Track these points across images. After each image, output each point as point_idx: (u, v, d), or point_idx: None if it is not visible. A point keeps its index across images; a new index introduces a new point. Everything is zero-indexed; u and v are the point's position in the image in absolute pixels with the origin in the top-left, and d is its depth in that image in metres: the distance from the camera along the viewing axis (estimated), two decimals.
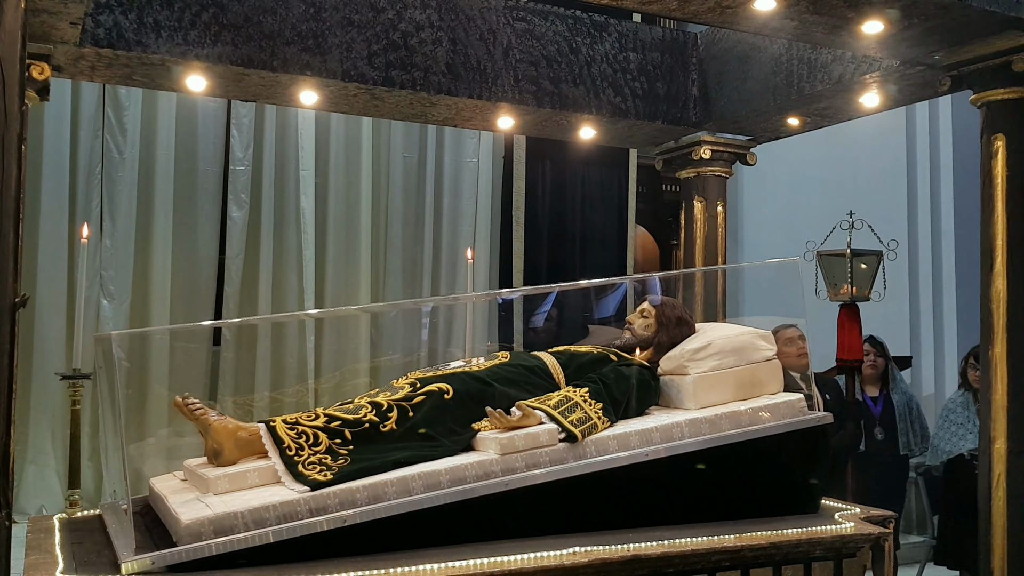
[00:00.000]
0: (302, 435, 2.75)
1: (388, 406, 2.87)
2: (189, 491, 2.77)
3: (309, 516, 2.54)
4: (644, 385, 3.22)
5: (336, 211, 5.80)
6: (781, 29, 3.26)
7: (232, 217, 5.56)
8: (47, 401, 5.13)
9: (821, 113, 4.26)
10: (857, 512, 3.24)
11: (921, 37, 3.30)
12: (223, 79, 3.66)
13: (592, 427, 2.95)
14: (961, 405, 4.81)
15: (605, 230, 6.41)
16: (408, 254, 6.00)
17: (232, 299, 5.54)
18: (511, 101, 3.95)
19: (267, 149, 5.65)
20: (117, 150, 5.34)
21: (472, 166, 6.13)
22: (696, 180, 4.73)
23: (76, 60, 3.47)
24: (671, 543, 2.76)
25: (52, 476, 5.18)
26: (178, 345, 5.34)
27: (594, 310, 4.19)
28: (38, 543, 2.72)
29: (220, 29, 3.48)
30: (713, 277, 4.60)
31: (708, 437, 3.09)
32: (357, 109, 4.06)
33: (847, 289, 4.80)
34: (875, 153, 7.19)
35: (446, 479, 2.71)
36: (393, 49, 3.73)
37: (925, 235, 7.58)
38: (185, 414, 2.86)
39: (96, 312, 5.22)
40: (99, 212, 5.30)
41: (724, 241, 4.73)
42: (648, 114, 4.30)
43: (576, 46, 4.08)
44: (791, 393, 3.41)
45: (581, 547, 2.65)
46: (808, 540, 2.95)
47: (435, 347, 5.75)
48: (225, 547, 2.44)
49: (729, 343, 3.35)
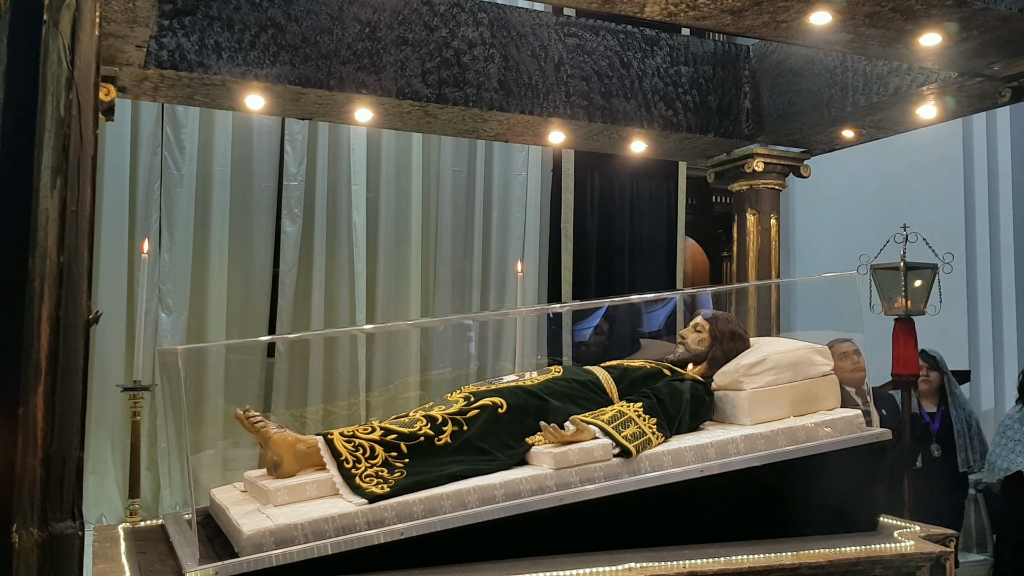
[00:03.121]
0: (359, 448, 2.79)
1: (443, 420, 2.90)
2: (249, 502, 2.83)
3: (366, 528, 2.58)
4: (698, 400, 3.20)
5: (387, 225, 5.86)
6: (836, 42, 3.23)
7: (286, 231, 5.66)
8: (107, 412, 5.26)
9: (877, 125, 4.21)
10: (917, 530, 3.18)
11: (980, 49, 3.25)
12: (281, 98, 3.74)
13: (646, 442, 2.94)
14: (1018, 421, 4.70)
15: (654, 242, 6.38)
16: (457, 267, 6.03)
17: (286, 312, 5.63)
18: (562, 116, 3.97)
19: (320, 165, 5.74)
20: (175, 166, 5.47)
21: (521, 179, 6.16)
22: (749, 193, 4.70)
23: (140, 81, 3.58)
24: (728, 560, 2.73)
25: (112, 486, 5.30)
26: (233, 357, 5.44)
27: (644, 324, 4.18)
28: (104, 552, 2.80)
29: (278, 50, 3.57)
30: (767, 291, 4.55)
31: (764, 453, 3.05)
32: (411, 126, 4.12)
33: (901, 303, 4.73)
34: (931, 164, 7.05)
35: (501, 493, 2.73)
36: (446, 67, 3.78)
37: (983, 247, 7.41)
38: (246, 427, 2.92)
39: (155, 325, 5.35)
40: (158, 227, 5.43)
41: (778, 254, 4.68)
42: (700, 127, 4.29)
43: (627, 60, 4.09)
44: (848, 409, 3.37)
45: (636, 563, 2.65)
46: (867, 558, 2.89)
47: (484, 361, 5.77)
48: (285, 558, 2.48)
49: (785, 358, 3.31)
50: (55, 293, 1.98)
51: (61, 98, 2.01)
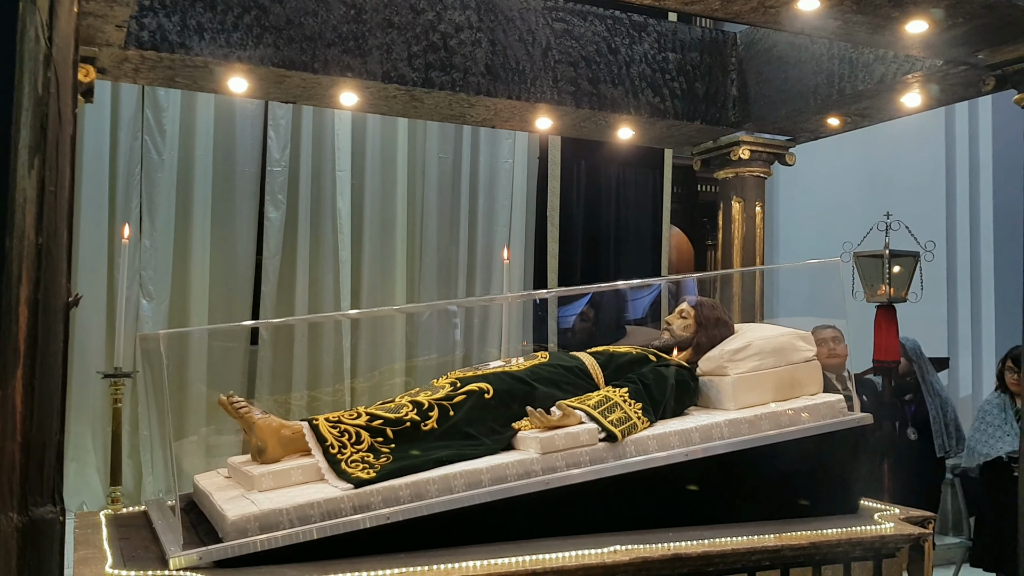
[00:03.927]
0: (345, 433, 2.78)
1: (429, 405, 2.89)
2: (233, 488, 2.81)
3: (352, 513, 2.57)
4: (683, 386, 3.22)
5: (372, 212, 5.83)
6: (824, 29, 3.23)
7: (269, 218, 5.62)
8: (87, 399, 5.21)
9: (862, 113, 4.22)
10: (896, 513, 3.24)
11: (965, 36, 3.25)
12: (264, 81, 3.69)
13: (632, 427, 2.96)
14: (997, 407, 4.77)
15: (640, 231, 6.39)
16: (443, 254, 6.02)
17: (269, 299, 5.59)
18: (550, 102, 3.95)
19: (304, 150, 5.70)
20: (156, 151, 5.41)
21: (507, 167, 6.14)
22: (734, 180, 4.70)
23: (120, 62, 3.52)
24: (711, 542, 2.76)
25: (93, 474, 5.26)
26: (216, 344, 5.41)
27: (630, 311, 4.19)
28: (86, 538, 2.77)
29: (262, 31, 3.52)
30: (751, 278, 4.57)
31: (748, 438, 3.09)
32: (396, 110, 4.08)
33: (884, 290, 4.76)
34: (914, 154, 7.11)
35: (487, 478, 2.73)
36: (433, 51, 3.74)
37: (964, 236, 7.50)
38: (230, 412, 2.90)
39: (136, 312, 5.30)
40: (138, 213, 5.37)
41: (762, 242, 4.69)
42: (687, 114, 4.28)
43: (615, 46, 4.07)
44: (831, 394, 3.41)
45: (622, 545, 2.67)
46: (848, 540, 2.95)
47: (470, 347, 5.77)
48: (270, 543, 2.47)
49: (769, 344, 3.34)
50: (34, 275, 1.95)
51: (39, 75, 1.98)
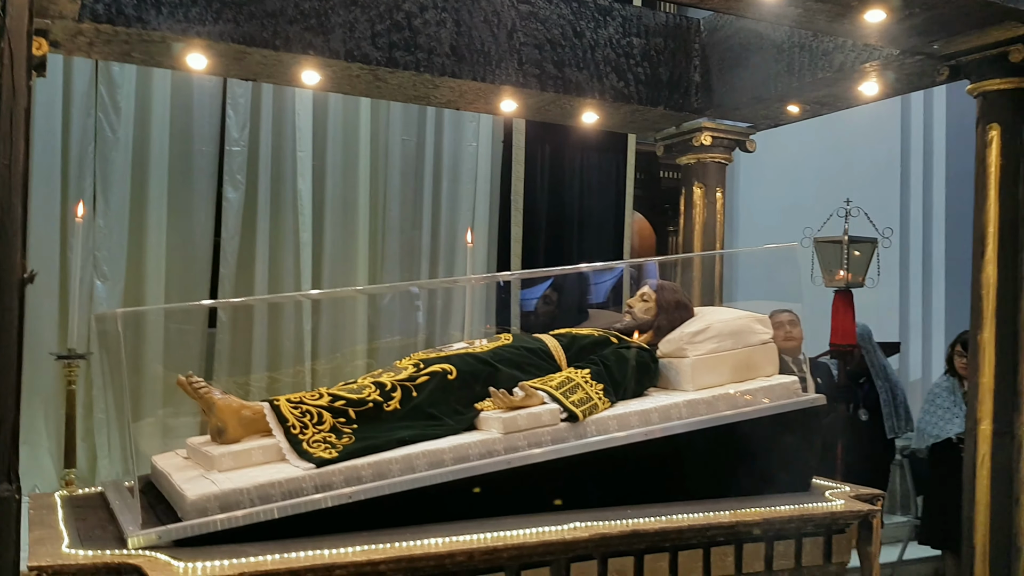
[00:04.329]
0: (306, 414, 2.77)
1: (392, 386, 2.90)
2: (193, 468, 2.79)
3: (314, 492, 2.57)
4: (644, 367, 3.27)
5: (334, 193, 5.77)
6: (785, 16, 3.28)
7: (228, 198, 5.52)
8: (39, 381, 5.09)
9: (821, 101, 4.29)
10: (847, 491, 3.33)
11: (921, 26, 3.33)
12: (224, 57, 3.63)
13: (593, 407, 2.99)
14: (947, 390, 4.87)
15: (603, 215, 6.42)
16: (406, 237, 5.98)
17: (228, 281, 5.51)
18: (515, 84, 3.95)
19: (264, 130, 5.60)
20: (111, 128, 5.29)
21: (471, 150, 6.12)
22: (696, 166, 4.76)
23: (74, 36, 3.43)
24: (668, 519, 2.83)
25: (45, 456, 5.15)
26: (173, 326, 5.32)
27: (592, 294, 4.23)
28: (41, 519, 2.73)
29: (222, 6, 3.46)
30: (711, 262, 4.63)
31: (705, 418, 3.14)
32: (359, 90, 4.05)
33: (842, 275, 4.87)
34: (871, 142, 7.24)
35: (450, 457, 2.74)
36: (397, 30, 3.71)
37: (917, 224, 7.66)
38: (189, 392, 2.87)
39: (90, 293, 5.19)
40: (92, 192, 5.25)
41: (723, 227, 4.76)
42: (650, 99, 4.31)
43: (580, 30, 4.08)
44: (786, 376, 3.48)
45: (582, 522, 2.71)
46: (800, 516, 3.03)
47: (433, 330, 5.76)
48: (230, 522, 2.46)
49: (727, 327, 3.40)
50: None
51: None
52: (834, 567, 3.10)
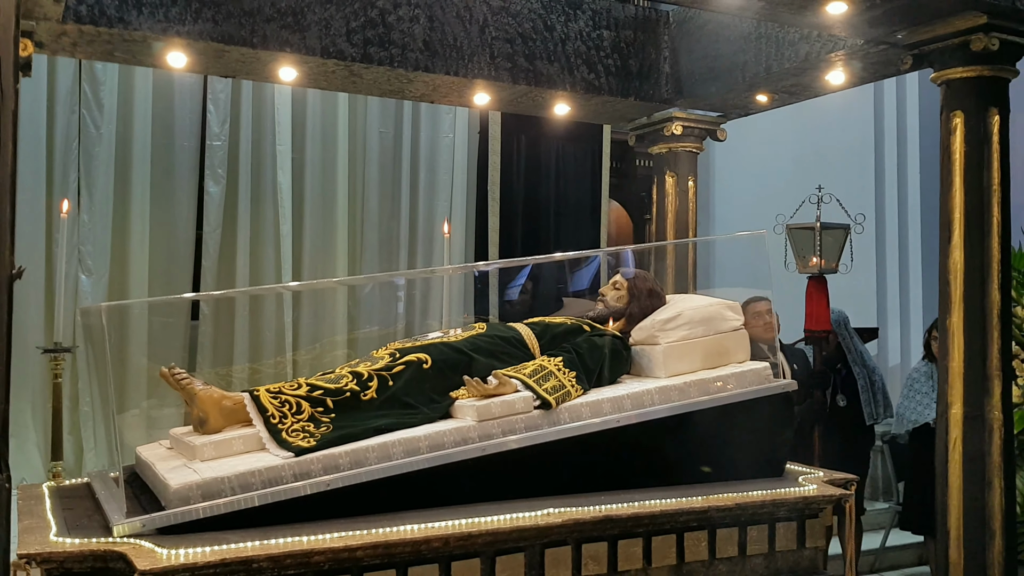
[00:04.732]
0: (285, 404, 2.84)
1: (368, 376, 2.96)
2: (176, 458, 2.85)
3: (293, 481, 2.63)
4: (616, 354, 3.33)
5: (313, 186, 5.83)
6: (748, 9, 3.35)
7: (209, 192, 5.58)
8: (26, 375, 5.15)
9: (789, 90, 4.37)
10: (820, 476, 3.34)
11: (884, 17, 3.39)
12: (203, 56, 3.69)
13: (566, 395, 3.06)
14: (925, 375, 4.88)
15: (579, 205, 6.50)
16: (384, 229, 6.05)
17: (210, 273, 5.57)
18: (487, 78, 4.01)
19: (244, 124, 5.66)
20: (94, 125, 5.33)
21: (448, 142, 6.18)
22: (668, 156, 4.83)
23: (58, 37, 3.48)
24: (641, 504, 2.86)
25: (32, 449, 5.21)
26: (156, 319, 5.38)
27: (568, 283, 4.30)
28: (29, 509, 2.79)
29: (201, 6, 3.51)
30: (684, 250, 4.70)
31: (677, 404, 3.18)
32: (335, 85, 4.10)
33: (815, 262, 4.92)
34: (844, 129, 7.30)
35: (425, 445, 2.80)
36: (371, 26, 3.77)
37: (892, 209, 7.72)
38: (171, 384, 2.93)
39: (75, 287, 5.24)
40: (76, 187, 5.30)
41: (695, 215, 4.84)
42: (621, 91, 4.38)
43: (551, 23, 4.14)
44: (757, 362, 3.53)
45: (555, 508, 2.75)
46: (772, 501, 3.05)
47: (412, 320, 5.83)
48: (212, 510, 2.53)
49: (698, 314, 3.45)
50: None
51: None
52: (808, 552, 3.11)
